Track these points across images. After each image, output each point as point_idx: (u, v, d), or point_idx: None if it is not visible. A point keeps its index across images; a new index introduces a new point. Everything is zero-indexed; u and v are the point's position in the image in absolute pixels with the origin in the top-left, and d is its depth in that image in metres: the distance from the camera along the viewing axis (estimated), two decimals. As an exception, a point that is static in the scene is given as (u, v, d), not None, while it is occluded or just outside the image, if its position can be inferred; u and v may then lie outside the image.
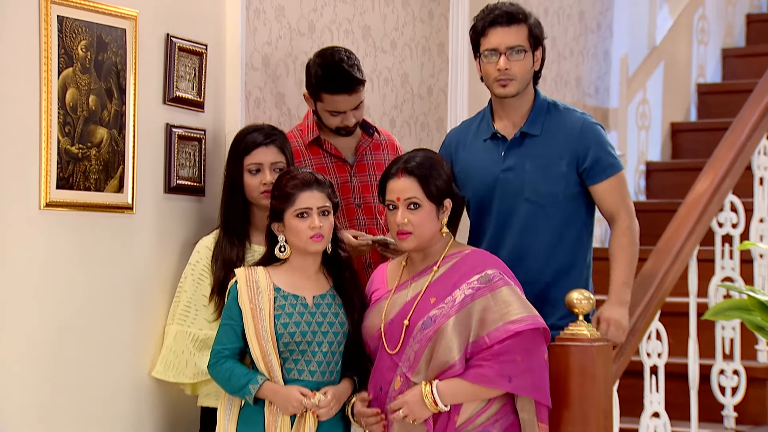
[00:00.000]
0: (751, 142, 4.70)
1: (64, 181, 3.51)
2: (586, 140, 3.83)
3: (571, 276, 3.84)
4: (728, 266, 4.62)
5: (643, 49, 6.98)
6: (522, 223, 3.84)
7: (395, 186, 3.57)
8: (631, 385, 4.23)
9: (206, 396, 3.79)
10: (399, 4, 5.06)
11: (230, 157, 3.84)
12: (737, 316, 3.86)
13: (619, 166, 3.87)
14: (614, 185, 3.85)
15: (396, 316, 3.56)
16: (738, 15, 7.89)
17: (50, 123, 3.46)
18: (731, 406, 4.58)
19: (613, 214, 3.85)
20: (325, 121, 4.10)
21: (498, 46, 3.78)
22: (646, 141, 6.95)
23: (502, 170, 3.86)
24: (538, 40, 3.84)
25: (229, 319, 3.58)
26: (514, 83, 3.80)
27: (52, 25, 3.45)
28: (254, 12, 4.26)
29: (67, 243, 3.56)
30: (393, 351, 3.54)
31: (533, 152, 3.84)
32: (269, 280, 3.59)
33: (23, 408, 3.45)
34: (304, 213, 3.57)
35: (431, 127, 5.28)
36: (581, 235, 3.89)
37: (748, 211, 4.72)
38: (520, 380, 3.45)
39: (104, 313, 3.67)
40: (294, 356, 3.56)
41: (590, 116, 3.91)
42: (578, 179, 3.85)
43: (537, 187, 3.82)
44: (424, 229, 3.55)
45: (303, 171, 3.65)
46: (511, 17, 3.79)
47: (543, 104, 3.89)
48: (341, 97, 4.03)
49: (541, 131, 3.85)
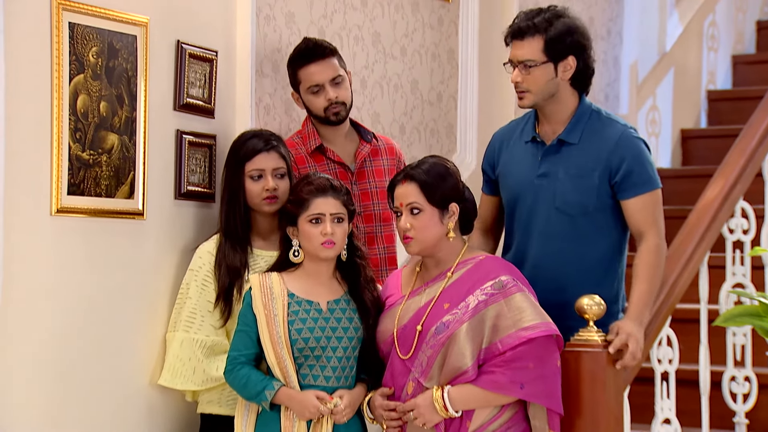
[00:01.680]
0: (762, 148, 4.68)
1: (75, 187, 3.52)
2: (621, 153, 3.74)
3: (602, 289, 3.73)
4: (739, 272, 4.60)
5: (653, 56, 6.97)
6: (549, 232, 3.79)
7: (399, 192, 3.59)
8: (642, 392, 4.21)
9: (208, 403, 3.78)
10: (409, 11, 5.06)
11: (230, 163, 3.83)
12: (748, 322, 3.84)
13: (654, 183, 3.76)
14: (646, 203, 3.75)
15: (409, 322, 3.57)
16: (748, 22, 7.88)
17: (61, 129, 3.47)
18: (743, 412, 4.55)
19: (642, 232, 3.75)
20: (313, 109, 4.11)
21: (512, 58, 3.76)
22: (656, 148, 6.93)
23: (537, 176, 3.81)
24: (561, 50, 3.73)
25: (245, 325, 3.58)
26: (528, 95, 3.75)
27: (63, 32, 3.46)
28: (264, 18, 4.26)
29: (78, 249, 3.57)
30: (406, 356, 3.54)
31: (568, 161, 3.78)
32: (283, 285, 3.59)
33: (31, 413, 3.45)
34: (317, 219, 3.57)
35: (441, 134, 5.27)
36: (613, 247, 3.82)
37: (759, 218, 4.69)
38: (533, 387, 3.44)
39: (115, 319, 3.68)
40: (309, 362, 3.56)
41: (633, 129, 3.82)
42: (611, 191, 3.77)
43: (567, 197, 3.77)
44: (426, 234, 3.54)
45: (320, 177, 3.65)
46: (521, 31, 3.73)
47: (585, 112, 3.82)
48: (314, 66, 4.07)
49: (579, 140, 3.78)
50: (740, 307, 3.91)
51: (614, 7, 6.66)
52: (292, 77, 4.15)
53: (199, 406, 3.81)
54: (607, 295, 3.73)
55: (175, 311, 3.79)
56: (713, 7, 7.48)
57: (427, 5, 5.18)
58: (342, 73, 4.12)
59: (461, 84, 5.38)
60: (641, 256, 3.74)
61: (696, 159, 7.05)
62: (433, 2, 5.22)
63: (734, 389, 4.56)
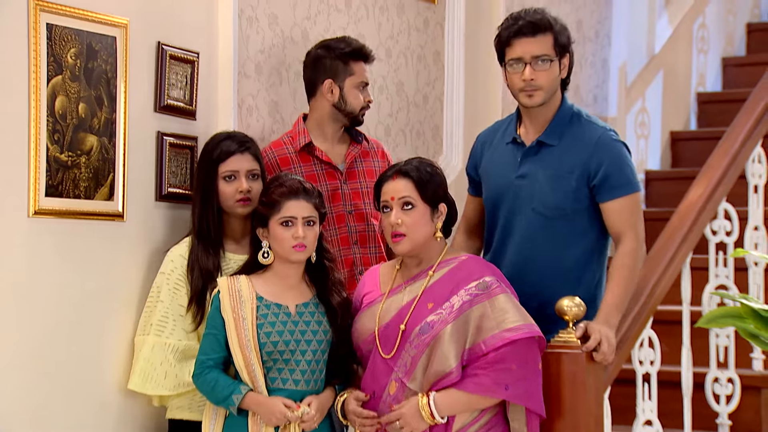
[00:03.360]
0: (745, 150, 4.69)
1: (53, 189, 3.51)
2: (600, 155, 3.74)
3: (578, 292, 3.72)
4: (722, 274, 4.60)
5: (642, 58, 6.97)
6: (527, 234, 3.80)
7: (389, 187, 3.57)
8: (624, 393, 4.20)
9: (177, 408, 3.74)
10: (394, 13, 5.05)
11: (202, 165, 3.81)
12: (730, 323, 3.83)
13: (633, 187, 3.75)
14: (624, 206, 3.74)
15: (391, 321, 3.55)
16: (738, 24, 7.89)
17: (39, 131, 3.46)
18: (725, 414, 4.55)
19: (619, 235, 3.75)
20: (352, 102, 4.16)
21: (523, 55, 3.73)
22: (645, 150, 6.94)
23: (516, 177, 3.82)
24: (564, 48, 3.76)
25: (213, 328, 3.56)
26: (540, 93, 3.74)
27: (41, 33, 3.45)
28: (247, 20, 4.26)
29: (56, 251, 3.56)
30: (388, 355, 3.53)
31: (547, 162, 3.78)
32: (252, 289, 3.58)
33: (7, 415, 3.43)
34: (288, 221, 3.56)
35: (427, 136, 5.27)
36: (590, 251, 3.82)
37: (742, 220, 4.70)
38: (516, 388, 3.44)
39: (93, 322, 3.66)
40: (278, 365, 3.55)
41: (613, 132, 3.81)
42: (589, 194, 3.77)
43: (545, 199, 3.77)
44: (418, 231, 3.53)
45: (292, 179, 3.63)
46: (535, 27, 3.72)
47: (567, 113, 3.82)
48: (366, 66, 4.21)
49: (558, 141, 3.78)
50: (722, 309, 3.90)
51: (603, 10, 6.66)
52: (341, 66, 4.15)
53: (168, 411, 3.77)
54: (584, 298, 3.71)
55: (144, 314, 3.75)
56: (703, 9, 7.49)
57: (413, 7, 5.18)
58: None
59: (447, 86, 5.38)
60: (617, 259, 3.74)
61: (685, 161, 7.06)
62: (419, 4, 5.22)
63: (717, 390, 4.56)
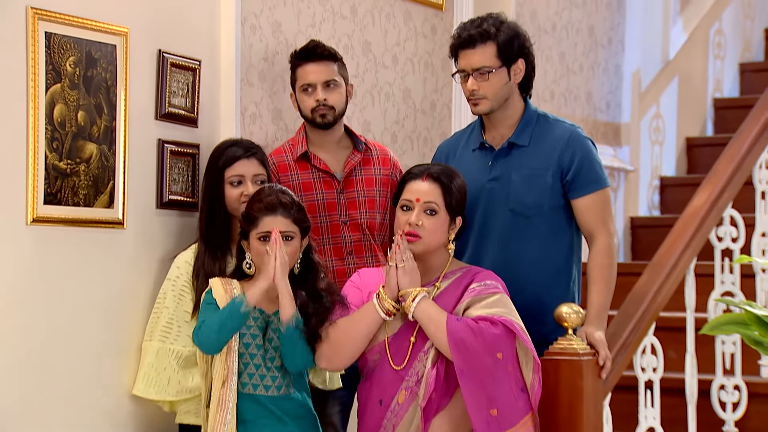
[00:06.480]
0: (752, 155, 4.66)
1: (52, 197, 3.52)
2: (572, 151, 3.81)
3: (556, 290, 3.80)
4: (728, 281, 4.58)
5: (657, 64, 6.93)
6: (505, 234, 3.83)
7: (417, 187, 3.57)
8: (628, 401, 4.19)
9: (186, 413, 3.75)
10: (401, 20, 5.06)
11: (210, 171, 3.83)
12: (735, 330, 3.81)
13: (602, 183, 3.83)
14: (596, 201, 3.81)
15: (400, 331, 3.55)
16: (756, 29, 7.84)
17: (37, 139, 3.47)
18: (732, 421, 4.52)
19: (591, 232, 3.82)
20: (302, 108, 4.13)
21: (465, 67, 3.83)
22: (660, 156, 6.91)
23: (489, 180, 3.86)
24: (512, 54, 3.82)
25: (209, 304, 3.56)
26: (485, 101, 3.82)
27: (39, 42, 3.47)
28: (250, 28, 4.27)
29: (55, 258, 3.57)
30: (399, 367, 3.52)
31: (520, 163, 3.84)
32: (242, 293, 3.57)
33: (5, 421, 3.44)
34: (265, 237, 3.56)
35: (434, 142, 5.25)
36: (568, 249, 3.87)
37: (749, 226, 4.67)
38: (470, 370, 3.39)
39: (93, 330, 3.67)
40: (249, 370, 3.56)
41: (580, 129, 3.89)
42: (562, 191, 3.83)
43: (522, 198, 3.81)
44: (434, 237, 3.55)
45: (271, 194, 3.61)
46: (473, 39, 3.80)
47: (533, 116, 3.89)
48: (311, 66, 4.10)
49: (529, 142, 3.85)
50: (726, 316, 3.88)
51: (615, 16, 6.64)
52: (291, 75, 4.18)
53: (177, 416, 3.78)
54: (563, 296, 3.78)
55: (151, 320, 3.77)
56: (719, 14, 7.44)
57: (420, 14, 5.18)
58: (338, 79, 4.13)
59: (456, 93, 5.37)
60: (593, 259, 3.79)
61: (701, 167, 6.99)
62: (426, 11, 5.22)
63: (723, 398, 4.54)
